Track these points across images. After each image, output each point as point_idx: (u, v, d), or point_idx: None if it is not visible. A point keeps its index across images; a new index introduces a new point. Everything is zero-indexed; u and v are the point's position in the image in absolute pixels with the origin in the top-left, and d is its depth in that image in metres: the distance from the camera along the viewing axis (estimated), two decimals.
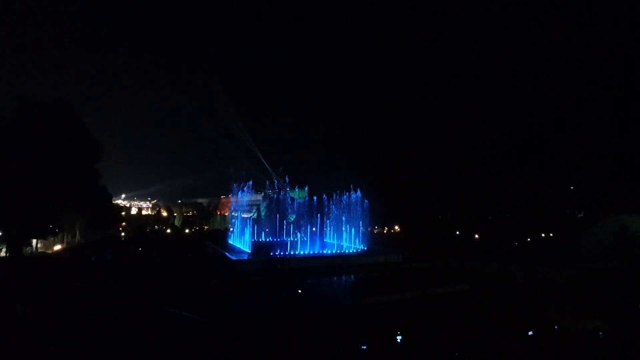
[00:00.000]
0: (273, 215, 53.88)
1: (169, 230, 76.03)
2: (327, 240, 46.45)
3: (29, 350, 12.65)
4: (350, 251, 40.94)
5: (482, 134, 65.93)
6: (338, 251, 40.42)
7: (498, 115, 68.76)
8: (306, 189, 78.62)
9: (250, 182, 59.91)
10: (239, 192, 59.68)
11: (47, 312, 17.19)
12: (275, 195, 65.63)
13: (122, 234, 67.03)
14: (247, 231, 45.09)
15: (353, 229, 44.43)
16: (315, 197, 53.12)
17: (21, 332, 14.25)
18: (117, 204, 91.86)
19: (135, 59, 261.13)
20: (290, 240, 42.86)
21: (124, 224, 77.21)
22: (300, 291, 24.15)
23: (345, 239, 44.63)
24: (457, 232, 57.90)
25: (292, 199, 66.76)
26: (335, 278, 29.60)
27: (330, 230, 47.84)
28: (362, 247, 42.92)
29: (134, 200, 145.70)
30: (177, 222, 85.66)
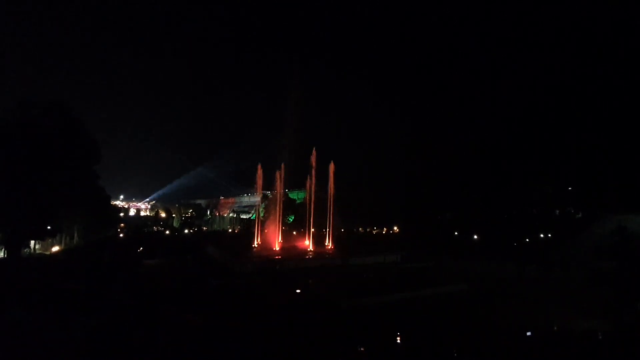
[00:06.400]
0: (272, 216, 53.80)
1: (167, 232, 75.89)
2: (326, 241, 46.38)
3: (28, 352, 12.60)
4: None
5: (480, 133, 66.08)
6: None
7: (497, 113, 68.83)
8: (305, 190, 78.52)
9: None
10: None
11: (46, 314, 17.12)
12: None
13: (121, 235, 66.89)
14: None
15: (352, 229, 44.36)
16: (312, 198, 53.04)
17: (19, 335, 14.18)
18: (115, 205, 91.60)
19: (135, 60, 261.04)
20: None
21: (122, 225, 77.05)
22: (298, 291, 24.15)
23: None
24: (456, 233, 57.95)
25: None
26: (334, 278, 29.55)
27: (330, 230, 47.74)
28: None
29: (133, 201, 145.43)
30: (175, 223, 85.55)
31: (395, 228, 73.24)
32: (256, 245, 43.44)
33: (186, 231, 77.23)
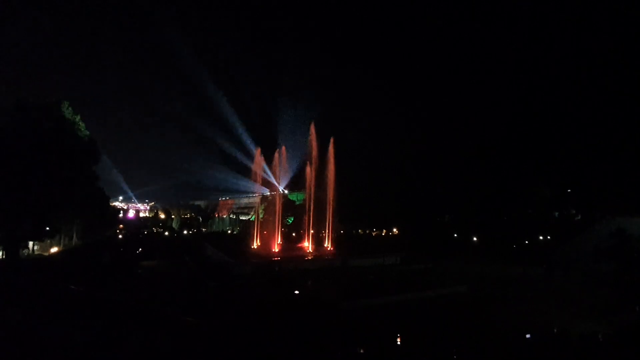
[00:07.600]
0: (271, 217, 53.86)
1: (167, 233, 75.78)
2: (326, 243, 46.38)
3: (27, 353, 12.56)
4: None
5: (479, 134, 66.11)
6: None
7: (495, 115, 68.58)
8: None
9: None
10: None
11: (44, 315, 17.06)
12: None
13: (120, 236, 66.82)
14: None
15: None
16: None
17: (18, 336, 14.14)
18: (114, 206, 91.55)
19: (134, 60, 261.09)
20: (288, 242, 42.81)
21: (121, 226, 76.97)
22: (297, 293, 24.11)
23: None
24: (455, 235, 57.93)
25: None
26: (333, 280, 29.52)
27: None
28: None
29: (132, 202, 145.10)
30: (174, 224, 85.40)
31: (394, 230, 73.24)
32: (255, 247, 43.46)
33: (185, 232, 77.17)
